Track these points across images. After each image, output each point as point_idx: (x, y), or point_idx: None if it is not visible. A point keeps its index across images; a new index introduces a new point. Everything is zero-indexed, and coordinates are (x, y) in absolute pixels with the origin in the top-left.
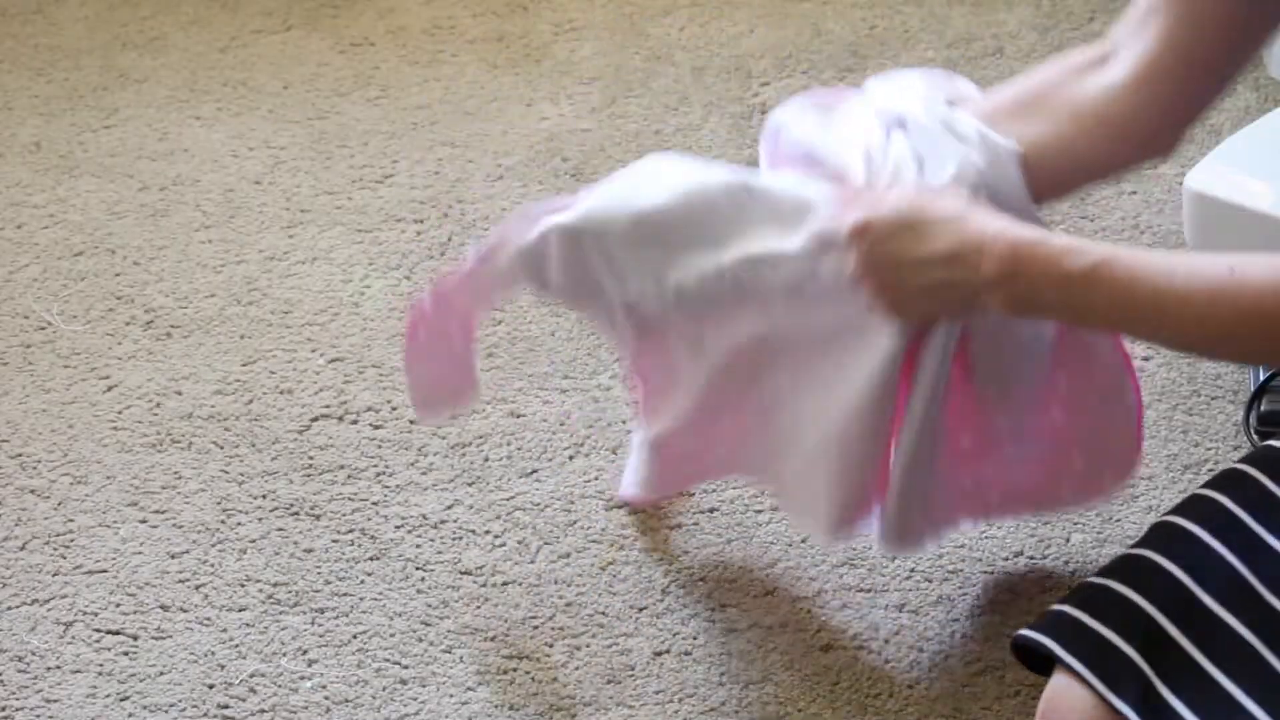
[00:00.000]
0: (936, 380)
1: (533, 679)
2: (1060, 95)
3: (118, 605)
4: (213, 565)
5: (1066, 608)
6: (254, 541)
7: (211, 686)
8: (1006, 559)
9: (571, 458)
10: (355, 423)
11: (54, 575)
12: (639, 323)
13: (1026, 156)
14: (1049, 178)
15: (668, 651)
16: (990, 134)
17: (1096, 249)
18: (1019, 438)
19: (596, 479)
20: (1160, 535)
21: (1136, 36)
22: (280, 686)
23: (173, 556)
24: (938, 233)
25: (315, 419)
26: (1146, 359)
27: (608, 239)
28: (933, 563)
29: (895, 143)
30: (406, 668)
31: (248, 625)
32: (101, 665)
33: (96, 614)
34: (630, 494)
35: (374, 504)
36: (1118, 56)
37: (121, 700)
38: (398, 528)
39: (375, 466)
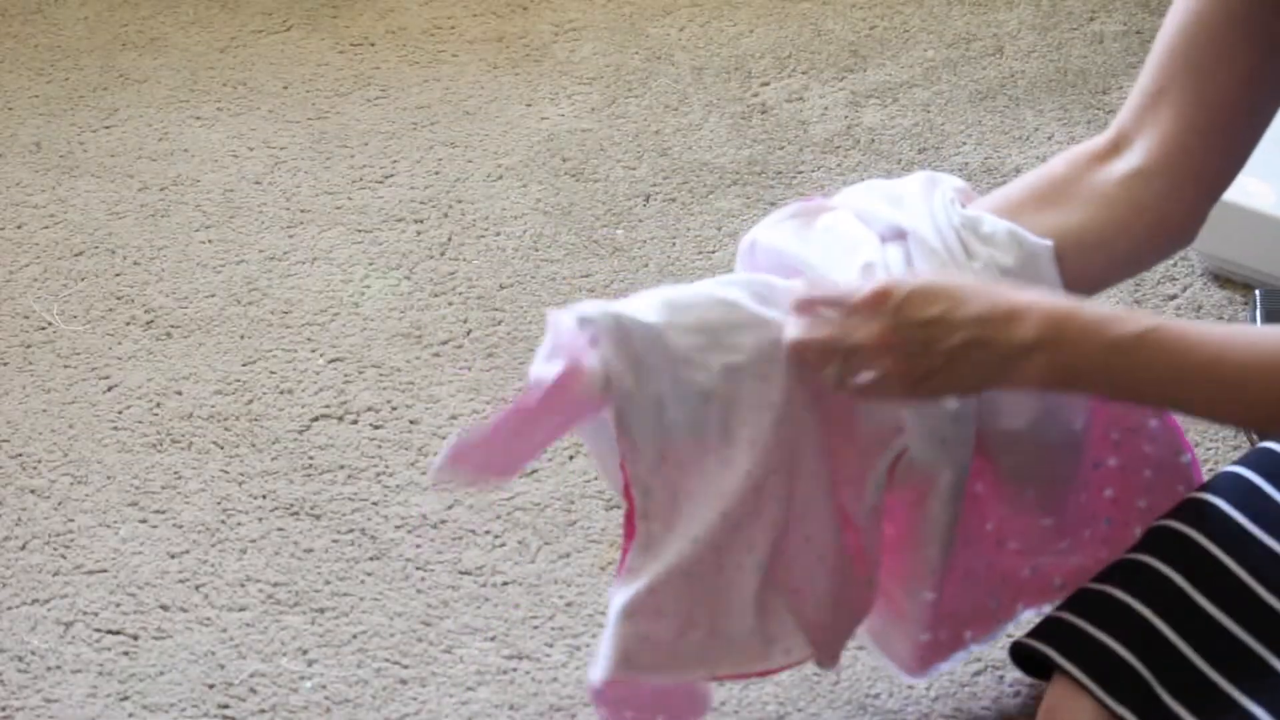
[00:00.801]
0: (954, 508)
1: (533, 679)
2: (1085, 185)
3: (118, 605)
4: (213, 565)
5: (1066, 614)
6: (254, 541)
7: (211, 686)
8: None
9: (571, 458)
10: (355, 423)
11: (54, 575)
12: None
13: (1058, 249)
14: (1080, 270)
15: None
16: (1022, 232)
17: (1143, 316)
18: (1065, 530)
19: (596, 479)
20: (1158, 540)
21: (1149, 120)
22: (280, 686)
23: (173, 556)
24: (968, 296)
25: (315, 419)
26: None
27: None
28: None
29: (890, 256)
30: (406, 668)
31: (248, 625)
32: (101, 665)
33: (96, 614)
34: (594, 680)
35: (374, 504)
36: (1133, 143)
37: (121, 700)
38: (398, 528)
39: (375, 466)
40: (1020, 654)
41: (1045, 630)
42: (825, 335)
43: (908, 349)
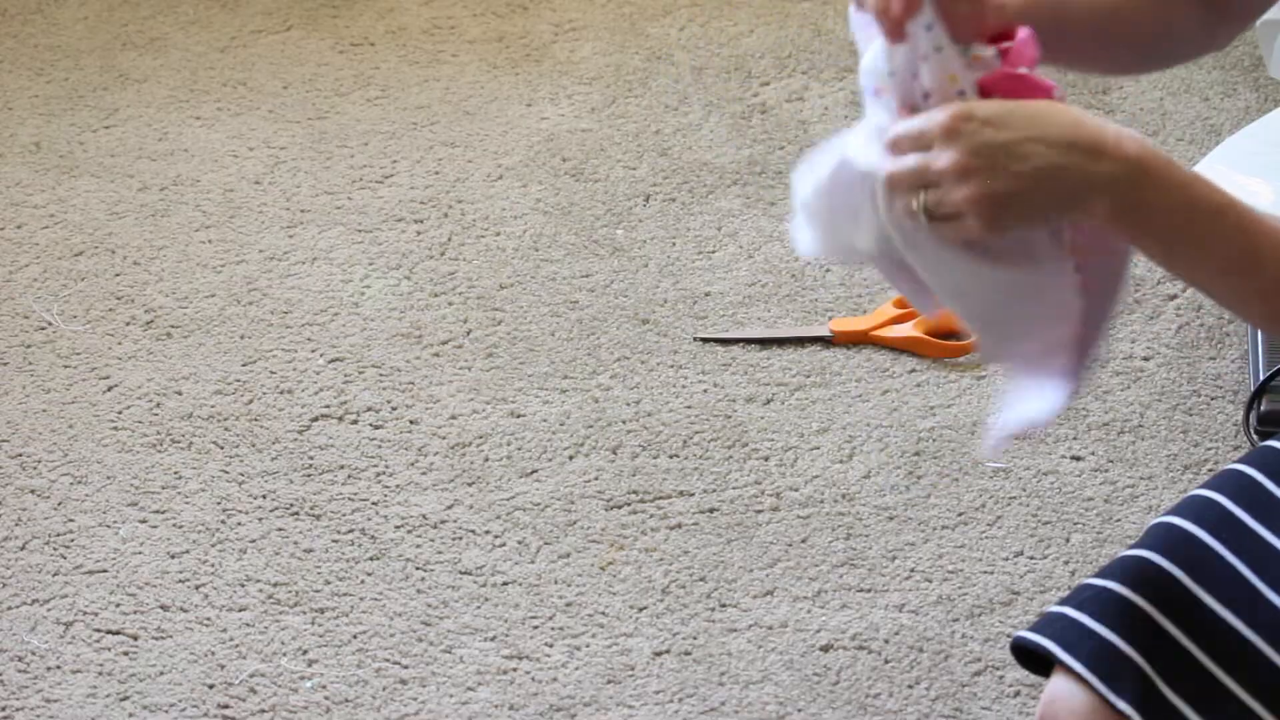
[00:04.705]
0: None
1: (533, 679)
2: None
3: (118, 605)
4: (213, 565)
5: (1066, 609)
6: (254, 541)
7: (211, 686)
8: (1006, 559)
9: (571, 458)
10: (355, 423)
11: (54, 575)
12: None
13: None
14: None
15: (668, 651)
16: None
17: (1222, 190)
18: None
19: (596, 479)
20: (1159, 535)
21: None
22: (280, 686)
23: (173, 556)
24: (1050, 120)
25: (315, 419)
26: (1147, 359)
27: None
28: (933, 563)
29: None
30: (406, 668)
31: (248, 625)
32: (101, 665)
33: (96, 614)
34: None
35: (374, 504)
36: None
37: (121, 700)
38: (398, 528)
39: (375, 466)
40: (1020, 650)
41: (1044, 624)
42: (911, 167)
43: (987, 174)
